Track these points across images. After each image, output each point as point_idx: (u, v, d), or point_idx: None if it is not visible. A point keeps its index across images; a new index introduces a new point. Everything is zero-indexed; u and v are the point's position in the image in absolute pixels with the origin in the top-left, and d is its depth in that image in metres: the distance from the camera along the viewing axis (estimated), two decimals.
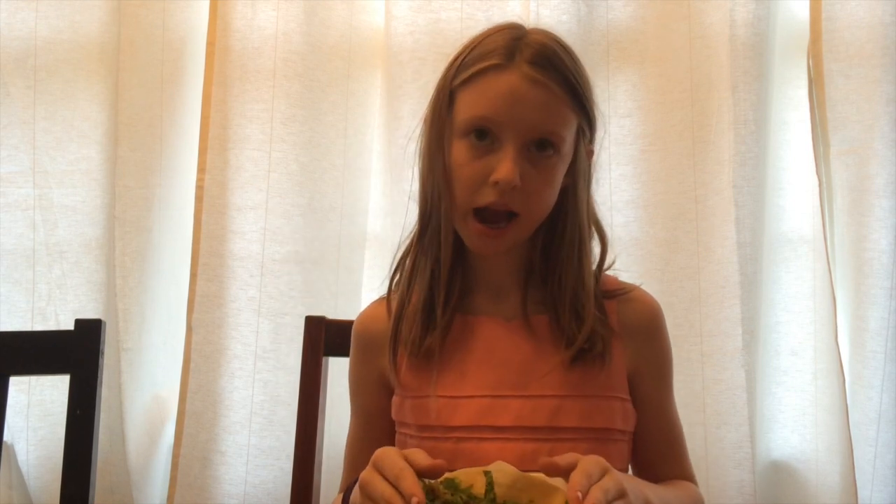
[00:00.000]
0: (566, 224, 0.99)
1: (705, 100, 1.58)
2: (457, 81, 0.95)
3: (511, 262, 1.01)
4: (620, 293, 1.03)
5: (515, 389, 0.96)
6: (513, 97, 0.91)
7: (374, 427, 1.05)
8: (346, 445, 1.09)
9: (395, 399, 1.02)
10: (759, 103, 1.55)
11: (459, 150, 0.94)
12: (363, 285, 1.66)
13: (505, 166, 0.90)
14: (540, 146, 0.93)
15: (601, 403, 0.97)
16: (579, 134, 0.96)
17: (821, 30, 1.55)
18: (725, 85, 1.55)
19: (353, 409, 1.08)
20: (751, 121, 1.55)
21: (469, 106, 0.94)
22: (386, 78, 1.66)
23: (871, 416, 1.49)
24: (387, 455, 0.83)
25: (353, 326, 1.09)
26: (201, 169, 1.61)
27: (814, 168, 1.55)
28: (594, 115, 0.98)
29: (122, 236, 1.64)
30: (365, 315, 1.08)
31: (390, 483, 0.79)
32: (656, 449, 1.03)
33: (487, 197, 0.92)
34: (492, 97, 0.92)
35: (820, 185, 1.53)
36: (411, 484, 0.78)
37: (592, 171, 1.02)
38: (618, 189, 1.61)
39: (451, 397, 0.97)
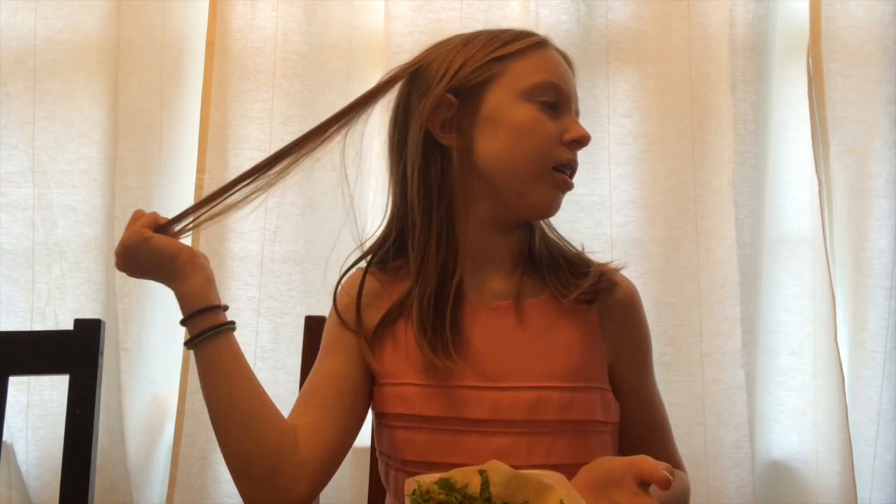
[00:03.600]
0: None
1: (705, 100, 1.58)
2: (503, 52, 0.98)
3: (512, 246, 1.01)
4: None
5: (492, 381, 0.95)
6: (565, 71, 1.01)
7: (326, 386, 1.00)
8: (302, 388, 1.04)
9: (376, 389, 1.00)
10: (759, 103, 1.55)
11: (529, 114, 0.97)
12: None
13: (580, 127, 0.99)
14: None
15: (580, 395, 0.96)
16: None
17: (820, 30, 1.55)
18: (725, 85, 1.56)
19: (318, 359, 1.04)
20: (750, 121, 1.55)
21: (530, 73, 0.98)
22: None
23: (871, 416, 1.49)
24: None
25: (347, 283, 1.06)
26: (201, 169, 1.61)
27: (813, 168, 1.55)
28: None
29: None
30: (351, 282, 1.05)
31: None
32: (641, 434, 1.03)
33: (564, 155, 0.98)
34: (553, 65, 1.00)
35: (819, 184, 1.53)
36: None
37: None
38: (618, 189, 1.61)
39: (428, 385, 0.95)
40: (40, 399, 1.62)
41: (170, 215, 1.01)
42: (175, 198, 1.69)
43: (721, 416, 1.52)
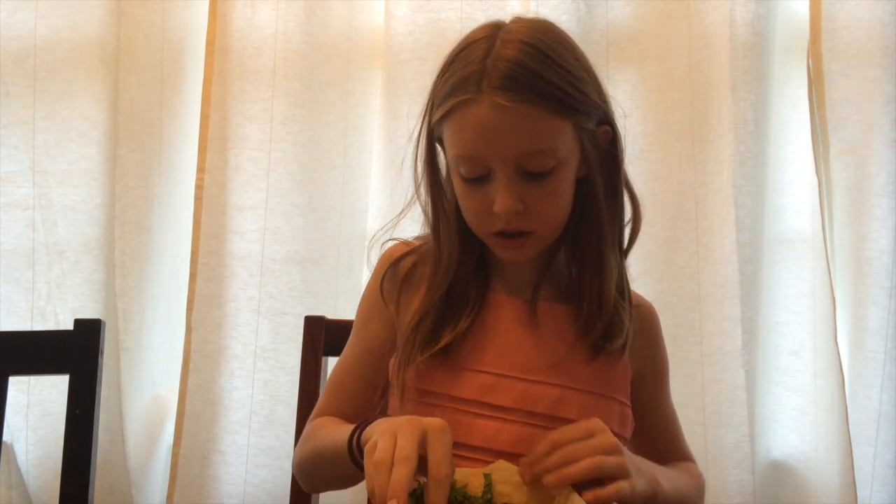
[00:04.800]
0: (584, 213, 0.98)
1: (705, 100, 1.58)
2: (435, 118, 0.94)
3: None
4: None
5: (522, 372, 0.96)
6: (485, 130, 0.89)
7: (367, 359, 1.04)
8: (335, 369, 1.07)
9: (394, 361, 1.01)
10: (759, 103, 1.55)
11: (458, 184, 0.95)
12: (363, 285, 1.66)
13: (501, 198, 0.91)
14: (533, 164, 0.91)
15: (601, 402, 0.97)
16: (578, 130, 0.94)
17: (820, 29, 1.55)
18: (725, 85, 1.56)
19: (354, 336, 1.07)
20: (751, 121, 1.55)
21: (451, 144, 0.93)
22: (386, 78, 1.66)
23: (871, 415, 1.49)
24: (412, 427, 0.79)
25: (386, 254, 1.08)
26: (201, 169, 1.61)
27: (813, 168, 1.55)
28: (592, 105, 0.95)
29: (121, 236, 1.64)
30: (400, 248, 1.07)
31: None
32: (657, 444, 1.05)
33: (496, 225, 0.93)
34: (467, 134, 0.91)
35: (820, 184, 1.53)
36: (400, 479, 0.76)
37: (621, 148, 1.01)
38: None
39: (457, 368, 0.96)
40: (40, 399, 1.62)
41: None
42: (175, 198, 1.69)
43: (721, 416, 1.52)
